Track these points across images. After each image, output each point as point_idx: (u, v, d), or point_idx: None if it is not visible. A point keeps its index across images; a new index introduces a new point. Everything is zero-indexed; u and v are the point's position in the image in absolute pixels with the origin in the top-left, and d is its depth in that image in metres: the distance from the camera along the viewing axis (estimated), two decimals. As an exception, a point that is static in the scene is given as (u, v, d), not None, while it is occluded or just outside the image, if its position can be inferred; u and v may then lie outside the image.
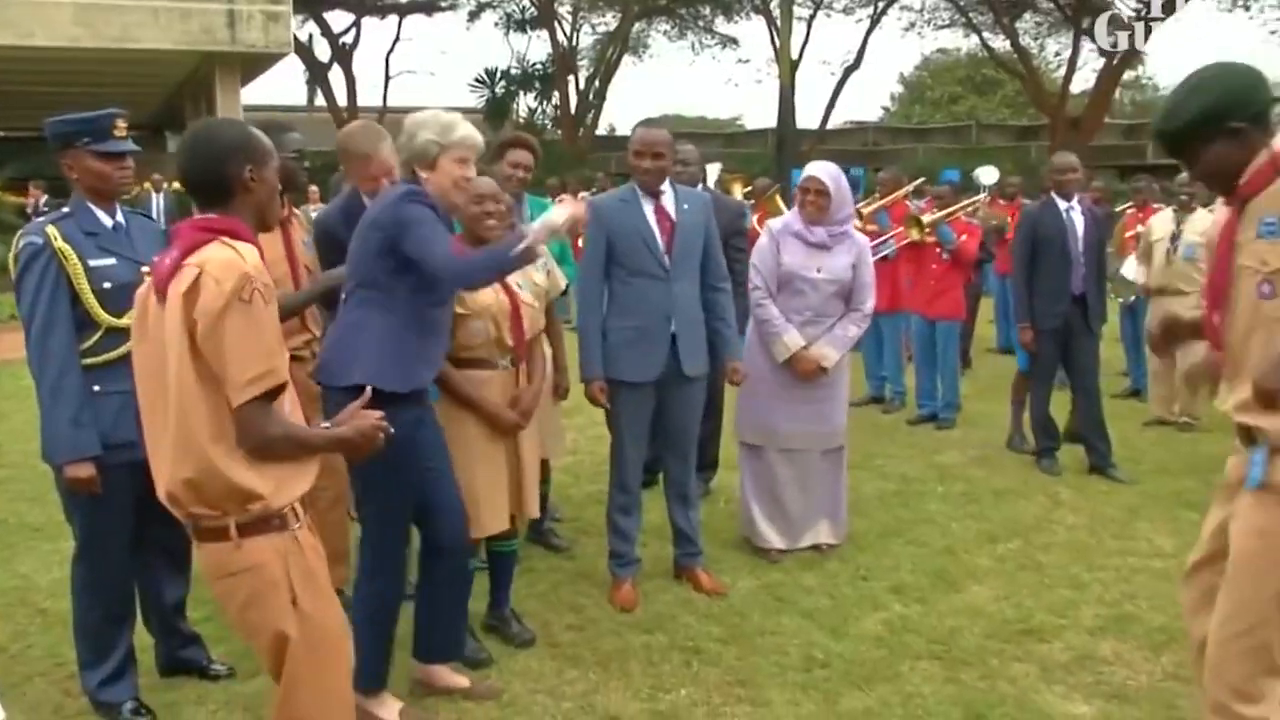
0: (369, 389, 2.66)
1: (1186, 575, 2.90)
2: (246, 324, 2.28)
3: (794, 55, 27.09)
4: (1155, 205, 8.83)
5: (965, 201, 8.13)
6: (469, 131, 3.35)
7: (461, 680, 3.65)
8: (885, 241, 7.87)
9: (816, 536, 4.98)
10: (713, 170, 11.84)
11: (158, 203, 16.55)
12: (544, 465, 4.75)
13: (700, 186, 5.63)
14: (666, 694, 3.64)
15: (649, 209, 4.36)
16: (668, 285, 4.33)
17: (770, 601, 4.41)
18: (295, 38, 20.49)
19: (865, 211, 8.29)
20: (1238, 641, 2.53)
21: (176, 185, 19.01)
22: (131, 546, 3.49)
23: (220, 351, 2.28)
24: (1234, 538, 2.57)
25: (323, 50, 28.56)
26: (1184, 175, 6.78)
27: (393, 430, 2.56)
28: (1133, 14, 25.99)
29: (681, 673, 3.79)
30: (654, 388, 4.39)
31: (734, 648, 3.98)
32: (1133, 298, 8.10)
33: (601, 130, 31.20)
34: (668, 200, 4.39)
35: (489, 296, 3.73)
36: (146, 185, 16.64)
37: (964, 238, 7.53)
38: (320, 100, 28.80)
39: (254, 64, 18.59)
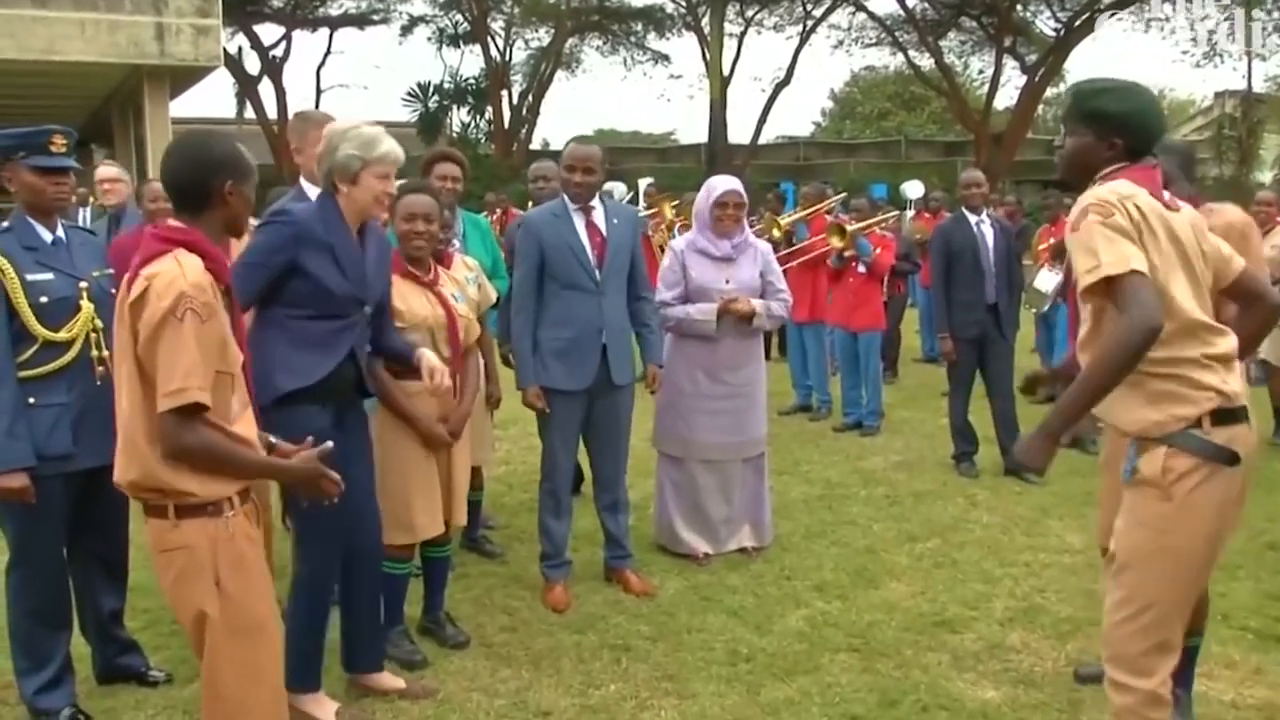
0: (310, 439, 2.82)
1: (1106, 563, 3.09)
2: (176, 340, 2.43)
3: (725, 71, 27.54)
4: (1065, 218, 9.17)
5: (882, 215, 8.41)
6: (391, 146, 3.39)
7: (398, 682, 3.75)
8: (803, 251, 8.13)
9: (740, 541, 5.14)
10: (643, 184, 12.00)
11: (83, 216, 16.30)
12: (477, 474, 4.87)
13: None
14: (597, 690, 3.77)
15: (580, 223, 4.50)
16: (598, 298, 4.48)
17: (697, 601, 4.57)
18: (225, 51, 20.34)
19: (784, 224, 8.54)
20: (1129, 624, 2.70)
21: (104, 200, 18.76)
22: (68, 556, 3.56)
23: (154, 362, 2.45)
24: (1118, 529, 2.76)
25: (253, 63, 28.35)
26: None
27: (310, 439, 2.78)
28: (1053, 33, 26.80)
29: (611, 669, 3.93)
30: (585, 396, 4.53)
31: (662, 645, 4.13)
32: (1046, 307, 8.41)
33: (535, 145, 31.31)
34: (598, 215, 4.55)
35: (425, 309, 3.84)
36: (73, 199, 16.40)
37: (879, 251, 7.80)
38: (250, 113, 28.54)
39: (183, 77, 18.41)
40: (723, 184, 5.02)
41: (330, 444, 2.78)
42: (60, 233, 3.47)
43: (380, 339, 3.63)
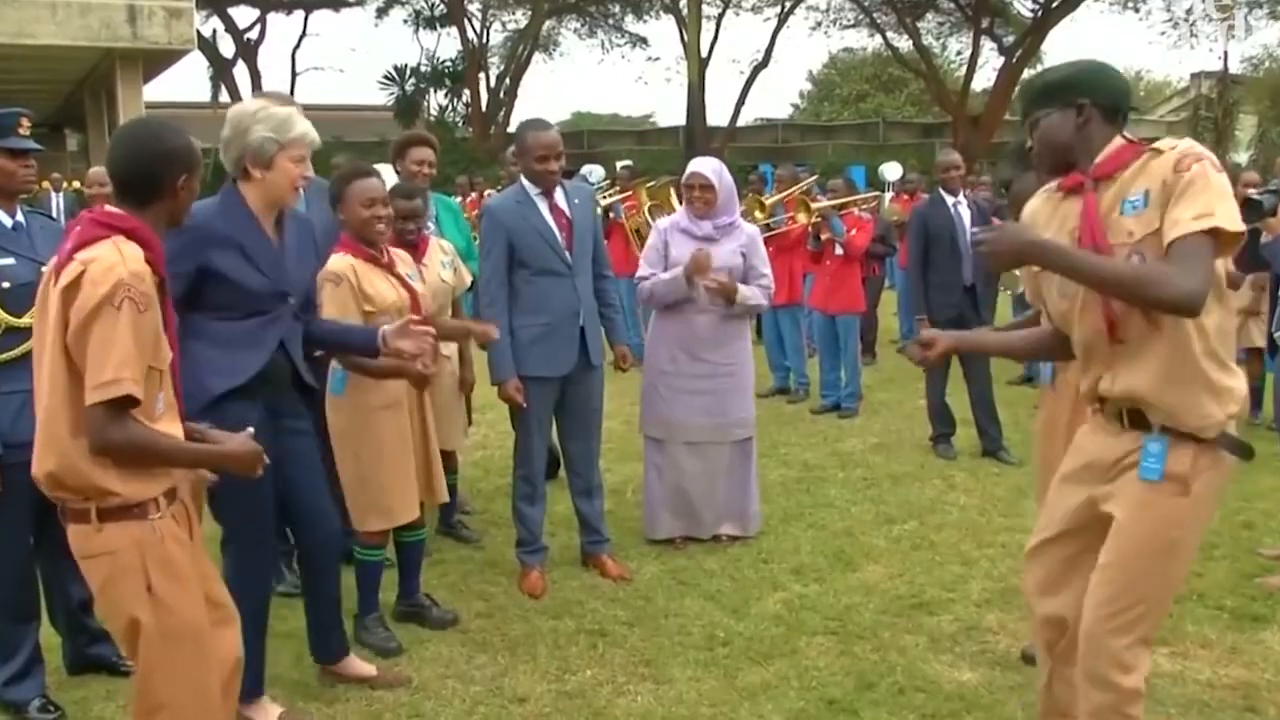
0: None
1: (1033, 552, 2.92)
2: (110, 329, 2.31)
3: (703, 53, 27.43)
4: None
5: (858, 195, 8.40)
6: (306, 128, 3.19)
7: (368, 669, 3.70)
8: (775, 226, 8.14)
9: (726, 530, 5.07)
10: (618, 166, 11.90)
11: (57, 202, 16.16)
12: (451, 458, 4.83)
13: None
14: (573, 675, 3.75)
15: (544, 208, 4.43)
16: (571, 281, 4.43)
17: (674, 585, 4.55)
18: (199, 33, 20.12)
19: (768, 204, 8.54)
20: (1120, 617, 2.60)
21: (76, 185, 18.58)
22: (35, 545, 3.50)
23: (84, 352, 2.32)
24: (1128, 522, 2.61)
25: (227, 46, 28.11)
26: None
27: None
28: (1030, 14, 26.84)
29: (588, 654, 3.91)
30: (558, 381, 4.49)
31: (639, 630, 4.11)
32: (1021, 289, 8.39)
33: (513, 128, 31.09)
34: (560, 198, 4.47)
35: (392, 295, 3.79)
36: (45, 184, 16.23)
37: (854, 232, 7.80)
38: (225, 97, 28.29)
39: (156, 60, 18.19)
40: (693, 165, 4.99)
41: (251, 429, 2.65)
42: (20, 217, 3.40)
43: (311, 330, 3.42)
